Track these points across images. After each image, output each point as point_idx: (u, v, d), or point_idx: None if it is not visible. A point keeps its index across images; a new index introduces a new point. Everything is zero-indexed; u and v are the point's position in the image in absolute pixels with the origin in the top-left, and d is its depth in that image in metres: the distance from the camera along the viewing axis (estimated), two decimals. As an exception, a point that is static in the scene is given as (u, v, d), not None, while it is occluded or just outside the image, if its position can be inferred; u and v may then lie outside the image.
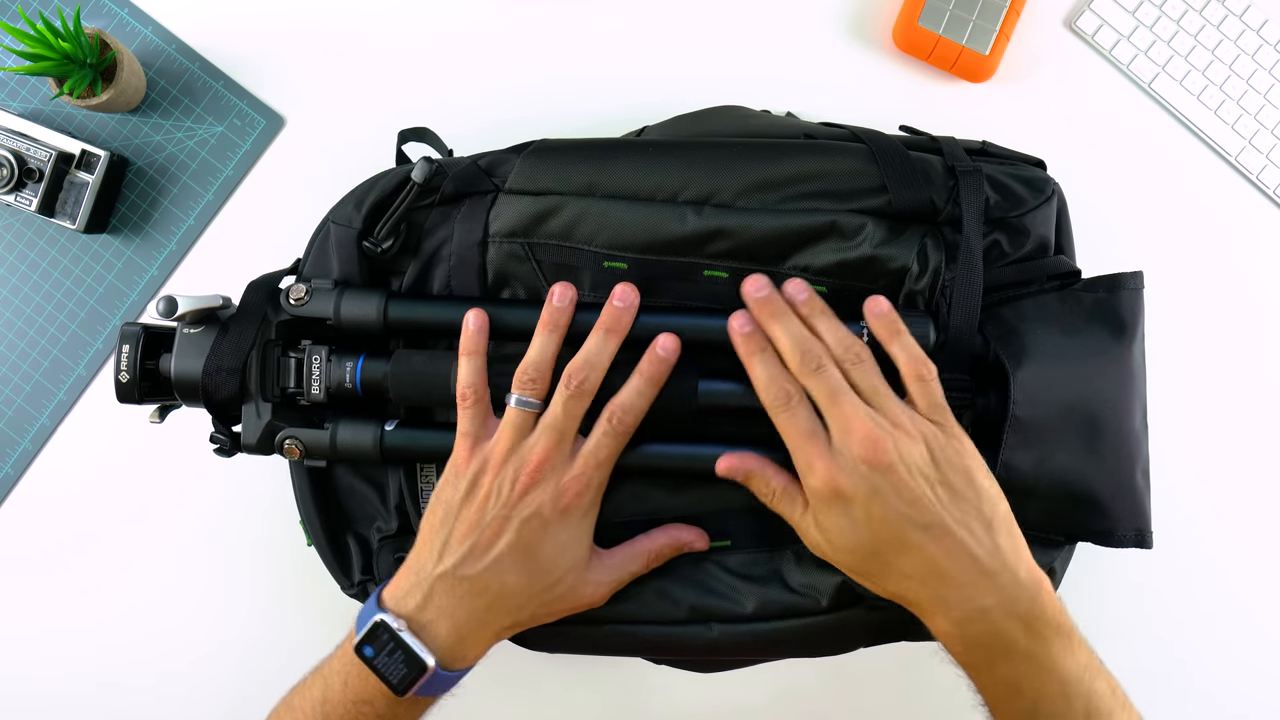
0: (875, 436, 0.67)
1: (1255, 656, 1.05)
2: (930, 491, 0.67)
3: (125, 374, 0.77)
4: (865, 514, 0.68)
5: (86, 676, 1.03)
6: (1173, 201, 1.05)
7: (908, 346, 0.71)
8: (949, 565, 0.67)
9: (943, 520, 0.67)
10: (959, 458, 0.69)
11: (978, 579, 0.67)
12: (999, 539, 0.68)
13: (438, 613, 0.72)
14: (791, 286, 0.73)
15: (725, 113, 0.90)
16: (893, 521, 0.67)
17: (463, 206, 0.79)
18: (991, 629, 0.67)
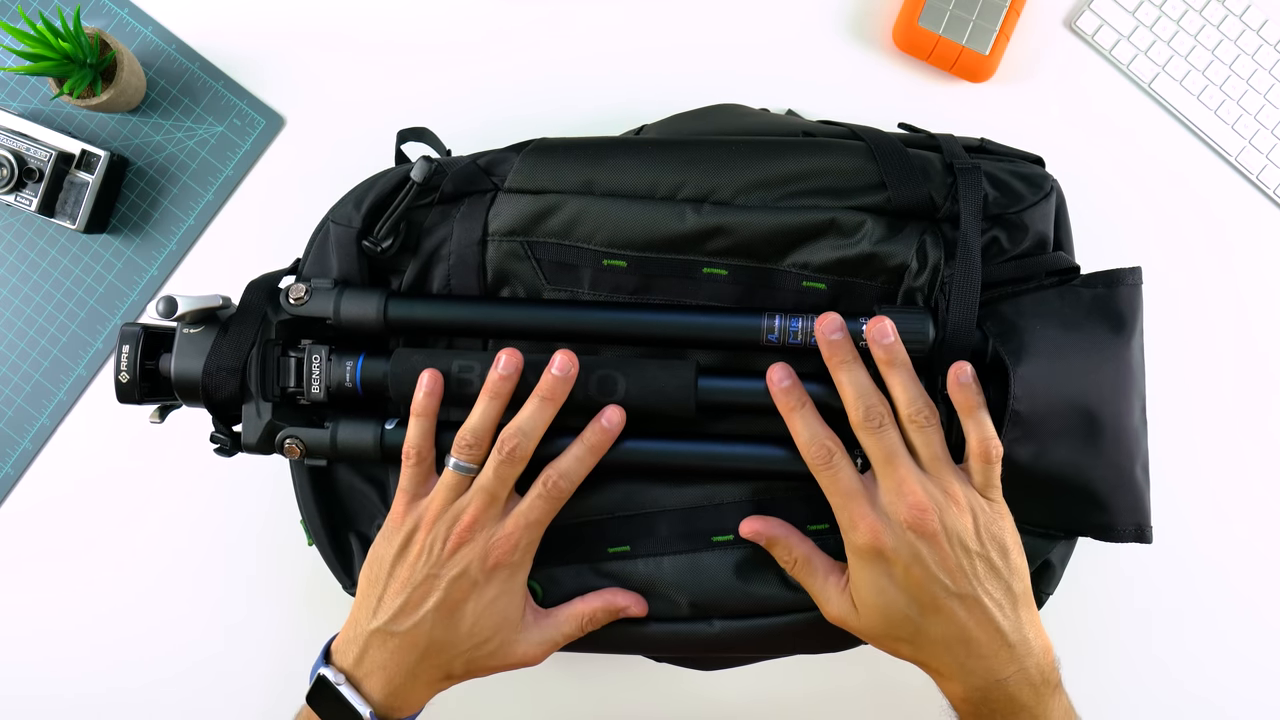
0: (925, 505, 0.69)
1: (1257, 653, 1.05)
2: (969, 563, 0.69)
3: (125, 374, 0.77)
4: (904, 576, 0.69)
5: (87, 676, 1.03)
6: (1173, 202, 1.05)
7: (982, 424, 0.71)
8: (977, 634, 0.69)
9: (975, 592, 0.69)
10: (1000, 534, 0.71)
11: (1000, 650, 0.70)
12: (1021, 612, 0.70)
13: (372, 666, 0.74)
14: (876, 329, 0.72)
15: (724, 111, 0.91)
16: (929, 586, 0.69)
17: (462, 205, 0.79)
18: (1007, 696, 0.70)
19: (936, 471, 0.71)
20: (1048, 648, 0.72)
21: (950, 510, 0.69)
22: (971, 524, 0.70)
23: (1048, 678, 0.71)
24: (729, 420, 0.80)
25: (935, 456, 0.71)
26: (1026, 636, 0.70)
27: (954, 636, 0.70)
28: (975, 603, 0.69)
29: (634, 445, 0.77)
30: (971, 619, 0.69)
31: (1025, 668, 0.70)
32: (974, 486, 0.71)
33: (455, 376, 0.75)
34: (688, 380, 0.75)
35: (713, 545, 0.78)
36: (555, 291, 0.79)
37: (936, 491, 0.70)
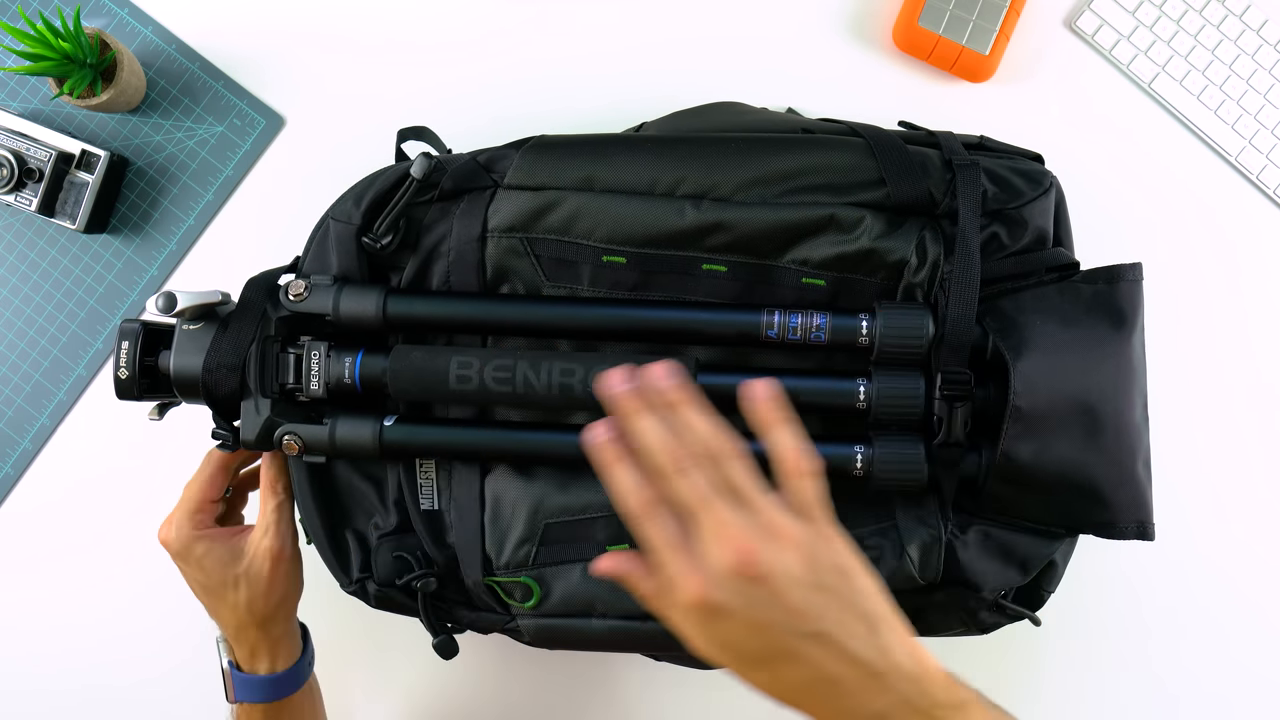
0: (746, 547, 0.60)
1: (1258, 652, 1.04)
2: (808, 597, 0.60)
3: (125, 370, 0.77)
4: (745, 626, 0.61)
5: (88, 675, 1.03)
6: (1173, 201, 1.04)
7: (786, 437, 0.63)
8: (838, 671, 0.61)
9: (825, 628, 0.60)
10: (834, 557, 0.62)
11: (868, 682, 0.61)
12: (883, 637, 0.62)
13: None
14: (655, 373, 0.63)
15: (724, 108, 0.91)
16: (774, 631, 0.61)
17: (461, 202, 0.79)
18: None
19: (751, 504, 0.61)
20: (926, 667, 0.62)
21: (773, 546, 0.60)
22: (799, 555, 0.61)
23: (939, 699, 0.62)
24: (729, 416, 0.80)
25: (746, 487, 0.62)
26: (896, 662, 0.61)
27: (815, 678, 0.61)
28: (827, 637, 0.60)
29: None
30: (827, 656, 0.60)
31: (905, 695, 0.61)
32: (792, 508, 0.62)
33: (454, 373, 0.75)
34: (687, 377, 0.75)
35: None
36: (555, 288, 0.79)
37: (755, 527, 0.60)
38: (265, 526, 0.81)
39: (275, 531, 0.81)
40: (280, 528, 0.82)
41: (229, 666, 0.81)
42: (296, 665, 0.82)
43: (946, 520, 0.76)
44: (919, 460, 0.75)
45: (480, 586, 0.79)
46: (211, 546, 0.79)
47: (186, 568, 0.79)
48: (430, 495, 0.80)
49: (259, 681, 0.81)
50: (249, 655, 0.81)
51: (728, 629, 0.60)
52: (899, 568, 0.76)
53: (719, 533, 0.60)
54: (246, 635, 0.80)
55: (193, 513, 0.80)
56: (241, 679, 0.81)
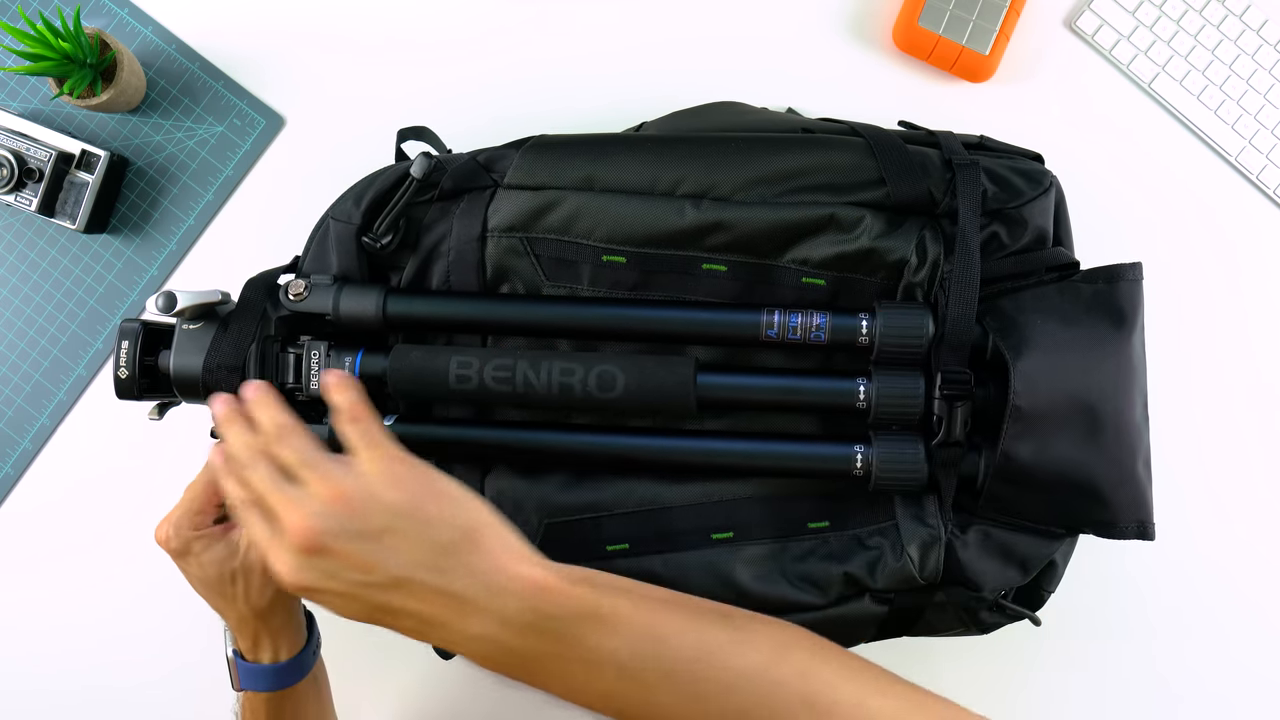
0: (301, 526, 0.62)
1: (1259, 652, 1.04)
2: (371, 549, 0.61)
3: (124, 370, 0.77)
4: (340, 599, 0.63)
5: (88, 675, 1.03)
6: (1173, 202, 1.04)
7: (330, 398, 0.69)
8: (431, 610, 0.61)
9: (398, 571, 0.61)
10: (385, 495, 0.63)
11: (462, 611, 0.61)
12: (467, 559, 0.62)
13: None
14: (246, 388, 0.70)
15: (724, 108, 0.91)
16: (363, 595, 0.62)
17: (461, 202, 0.79)
18: (508, 651, 0.62)
19: (305, 479, 0.64)
20: (534, 582, 0.61)
21: (322, 512, 0.62)
22: (351, 505, 0.62)
23: (549, 611, 0.61)
24: (728, 416, 0.80)
25: (302, 462, 0.65)
26: (483, 583, 0.61)
27: (418, 623, 0.62)
28: (405, 581, 0.61)
29: (633, 442, 0.77)
30: (415, 599, 0.61)
31: (501, 613, 0.60)
32: (351, 462, 0.65)
33: (454, 373, 0.75)
34: (687, 376, 0.75)
35: (713, 543, 0.78)
36: (554, 288, 0.79)
37: (308, 499, 0.63)
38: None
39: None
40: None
41: (233, 655, 0.81)
42: (300, 655, 0.82)
43: (946, 520, 0.76)
44: (919, 460, 0.75)
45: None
46: (209, 544, 0.78)
47: (186, 566, 0.78)
48: (430, 494, 0.80)
49: (262, 671, 0.80)
50: (252, 645, 0.80)
51: (330, 603, 0.63)
52: (899, 567, 0.76)
53: (281, 520, 0.63)
54: (248, 626, 0.79)
55: (193, 514, 0.79)
56: (246, 668, 0.81)
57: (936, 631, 0.81)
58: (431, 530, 0.62)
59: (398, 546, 0.61)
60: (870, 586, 0.76)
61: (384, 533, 0.62)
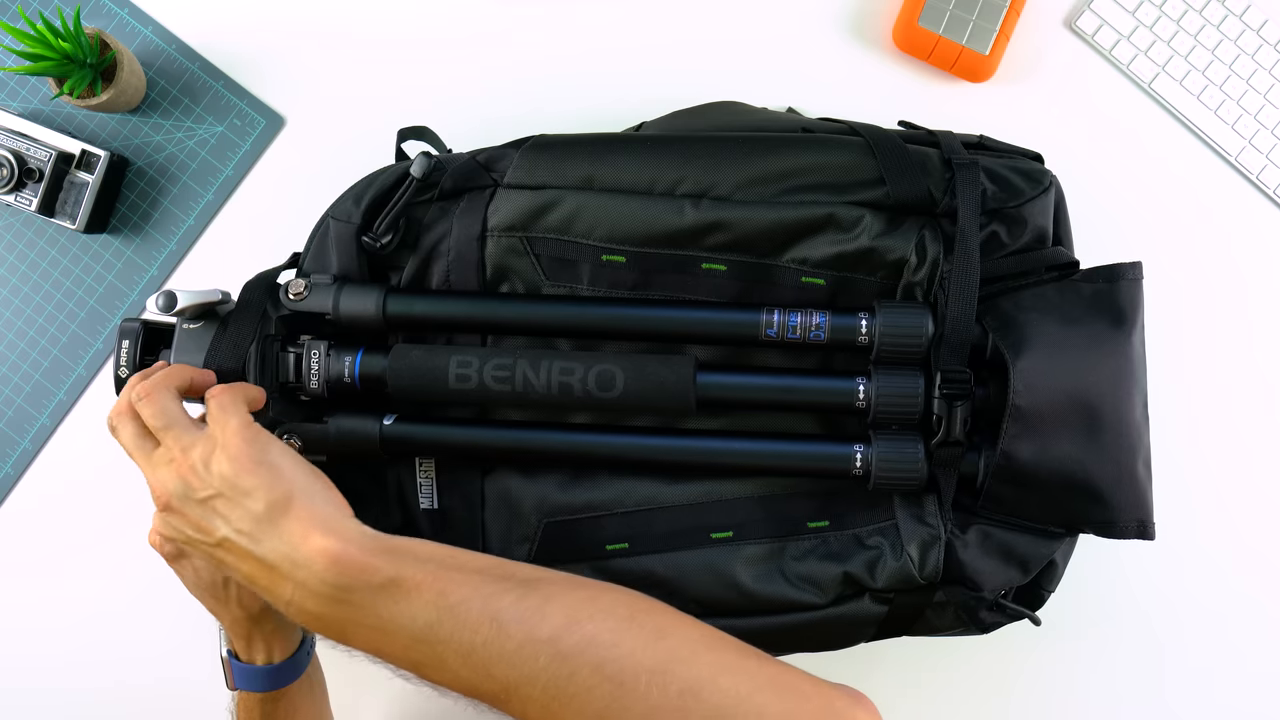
0: (154, 484, 0.68)
1: (1260, 652, 1.04)
2: (203, 511, 0.66)
3: (125, 369, 0.77)
4: (189, 562, 0.74)
5: (88, 674, 1.03)
6: (1173, 202, 1.04)
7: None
8: (251, 573, 0.65)
9: (224, 534, 0.65)
10: (221, 465, 0.66)
11: (270, 576, 0.64)
12: (278, 526, 0.64)
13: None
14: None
15: (724, 108, 0.91)
16: (203, 553, 0.67)
17: (461, 202, 0.79)
18: (314, 616, 0.63)
19: (162, 440, 0.69)
20: (326, 552, 0.63)
21: (171, 472, 0.67)
22: (190, 471, 0.66)
23: (343, 583, 0.62)
24: (728, 416, 0.80)
25: (165, 425, 0.69)
26: (289, 551, 0.63)
27: (251, 583, 0.65)
28: (229, 542, 0.65)
29: (632, 441, 0.77)
30: (236, 559, 0.65)
31: (303, 582, 0.63)
32: (208, 422, 0.69)
33: (454, 372, 0.75)
34: (687, 376, 0.75)
35: (712, 542, 0.78)
36: (554, 287, 0.79)
37: (163, 463, 0.68)
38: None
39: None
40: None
41: (228, 656, 0.82)
42: (294, 656, 0.82)
43: (946, 519, 0.76)
44: (918, 459, 0.75)
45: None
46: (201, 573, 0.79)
47: (180, 570, 0.79)
48: (430, 494, 0.80)
49: (256, 672, 0.81)
50: (246, 646, 0.81)
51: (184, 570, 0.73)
52: (899, 567, 0.76)
53: (145, 475, 0.69)
54: (242, 628, 0.80)
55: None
56: (240, 668, 0.81)
57: (936, 631, 0.81)
58: (249, 500, 0.65)
59: (223, 512, 0.65)
60: (870, 586, 0.76)
61: (214, 498, 0.65)
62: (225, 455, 0.66)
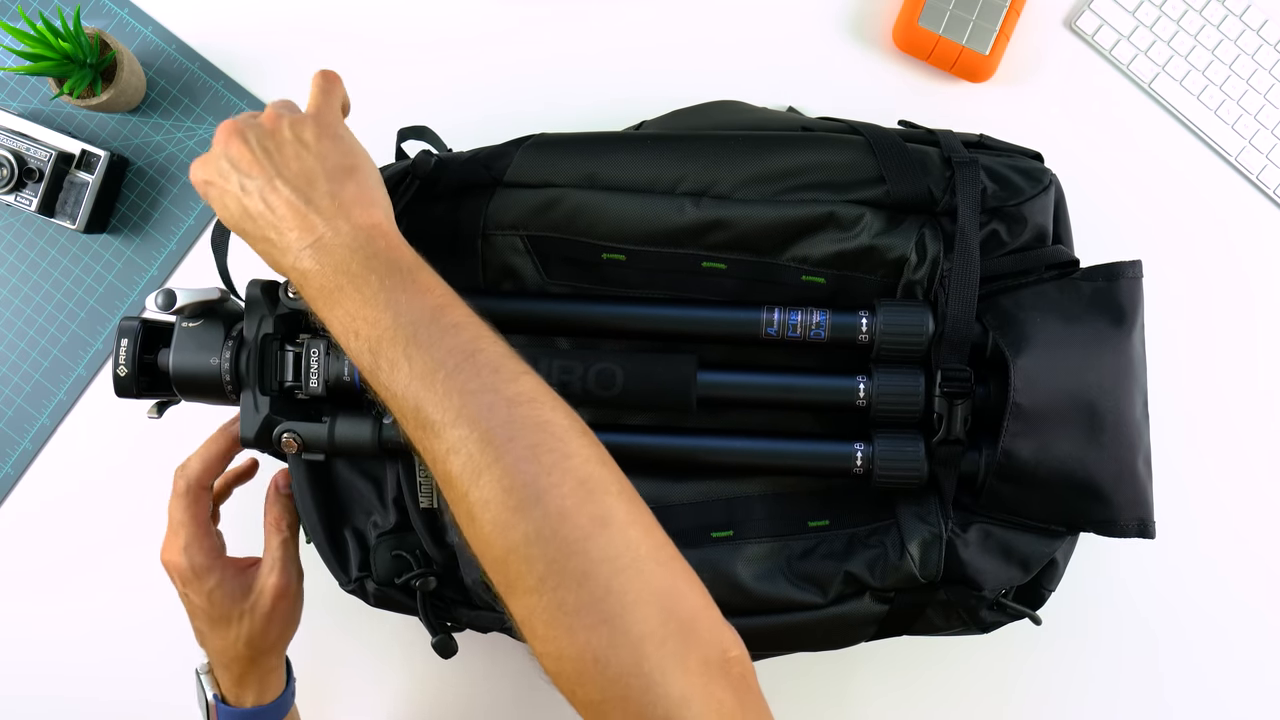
0: (233, 117, 0.70)
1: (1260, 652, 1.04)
2: (272, 150, 0.67)
3: (124, 368, 0.77)
4: (223, 193, 0.68)
5: (87, 675, 1.02)
6: (1173, 201, 1.04)
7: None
8: (280, 212, 0.65)
9: (278, 177, 0.66)
10: (303, 125, 0.69)
11: (301, 218, 0.65)
12: (336, 183, 0.66)
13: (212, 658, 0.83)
14: None
15: (724, 107, 0.91)
16: (239, 190, 0.67)
17: (462, 200, 0.79)
18: (314, 265, 0.64)
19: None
20: (368, 214, 0.66)
21: (258, 119, 0.69)
22: (276, 119, 0.69)
23: (371, 248, 0.64)
24: (728, 414, 0.80)
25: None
26: (333, 205, 0.65)
27: (268, 227, 0.66)
28: (277, 185, 0.66)
29: (632, 440, 0.77)
30: (274, 196, 0.65)
31: (335, 232, 0.64)
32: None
33: None
34: (687, 374, 0.75)
35: (713, 541, 0.78)
36: (554, 285, 0.79)
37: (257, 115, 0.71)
38: (272, 563, 0.81)
39: (281, 569, 0.81)
40: (287, 565, 0.82)
41: (214, 700, 0.82)
42: (281, 698, 0.83)
43: (947, 518, 0.76)
44: (919, 458, 0.75)
45: (479, 585, 0.79)
46: (224, 578, 0.79)
47: (193, 595, 0.79)
48: (429, 494, 0.80)
49: (245, 714, 0.81)
50: (234, 684, 0.81)
51: (215, 195, 0.69)
52: (900, 566, 0.76)
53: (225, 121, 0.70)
54: (237, 666, 0.80)
55: (200, 537, 0.80)
56: (227, 712, 0.81)
57: (937, 630, 0.80)
58: (321, 158, 0.67)
59: (290, 155, 0.67)
60: (871, 585, 0.76)
61: (287, 144, 0.67)
62: (314, 121, 0.69)
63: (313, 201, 0.65)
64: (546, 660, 0.56)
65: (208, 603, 0.78)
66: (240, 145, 0.67)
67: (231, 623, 0.79)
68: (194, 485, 0.80)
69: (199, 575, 0.78)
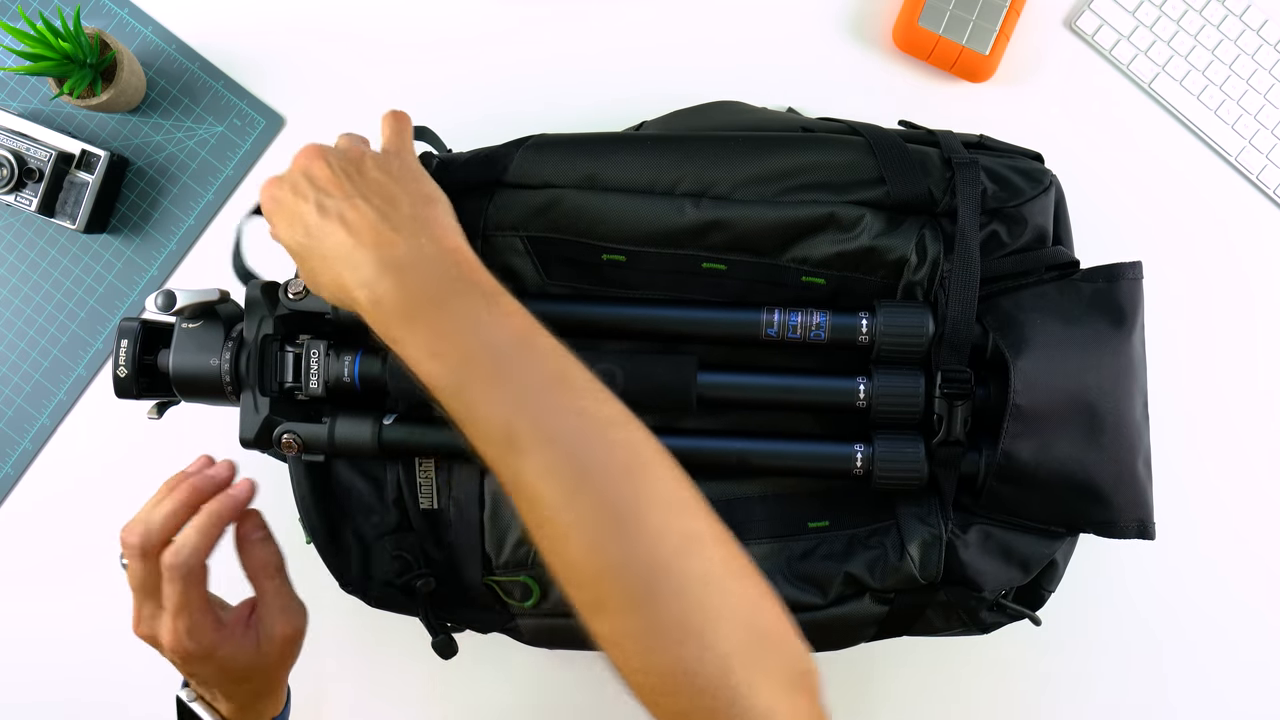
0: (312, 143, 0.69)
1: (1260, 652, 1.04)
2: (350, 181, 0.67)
3: (124, 369, 0.77)
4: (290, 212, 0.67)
5: (86, 676, 1.02)
6: (1173, 202, 1.04)
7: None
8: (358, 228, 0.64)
9: (358, 194, 0.66)
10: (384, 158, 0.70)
11: (381, 237, 0.64)
12: (420, 210, 0.67)
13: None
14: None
15: (724, 107, 0.91)
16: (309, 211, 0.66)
17: (462, 201, 0.79)
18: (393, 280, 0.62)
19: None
20: (454, 240, 0.66)
21: (338, 146, 0.70)
22: (359, 150, 0.70)
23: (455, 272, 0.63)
24: (728, 415, 0.80)
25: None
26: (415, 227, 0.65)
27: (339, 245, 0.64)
28: (359, 204, 0.65)
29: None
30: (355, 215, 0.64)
31: (418, 250, 0.63)
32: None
33: None
34: (687, 375, 0.75)
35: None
36: (554, 286, 0.79)
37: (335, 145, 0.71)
38: (274, 611, 0.75)
39: (285, 615, 0.75)
40: (288, 608, 0.76)
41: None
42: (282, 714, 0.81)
43: (947, 519, 0.76)
44: (919, 459, 0.75)
45: (479, 586, 0.79)
46: (236, 648, 0.73)
47: (201, 671, 0.73)
48: (429, 494, 0.80)
49: None
50: (237, 711, 0.77)
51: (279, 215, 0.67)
52: (900, 567, 0.76)
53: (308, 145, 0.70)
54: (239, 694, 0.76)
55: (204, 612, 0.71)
56: None
57: (937, 631, 0.81)
58: (405, 185, 0.68)
59: (374, 179, 0.67)
60: (871, 586, 0.76)
61: (366, 170, 0.68)
62: (395, 155, 0.71)
63: (394, 221, 0.65)
64: (633, 675, 0.57)
65: (219, 673, 0.73)
66: (322, 165, 0.67)
67: (242, 681, 0.75)
68: (196, 567, 0.71)
69: (208, 655, 0.72)
